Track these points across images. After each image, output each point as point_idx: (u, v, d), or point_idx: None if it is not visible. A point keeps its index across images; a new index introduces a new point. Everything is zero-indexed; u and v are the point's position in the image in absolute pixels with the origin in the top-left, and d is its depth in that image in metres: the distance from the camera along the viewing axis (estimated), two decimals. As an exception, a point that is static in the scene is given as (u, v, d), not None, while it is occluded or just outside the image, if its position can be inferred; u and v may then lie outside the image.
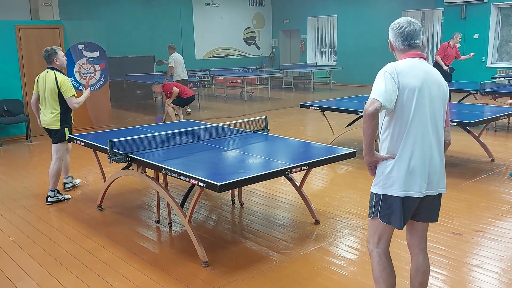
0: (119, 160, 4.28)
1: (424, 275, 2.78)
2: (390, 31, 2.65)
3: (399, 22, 2.63)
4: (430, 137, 2.55)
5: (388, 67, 2.54)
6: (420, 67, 2.57)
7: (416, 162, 2.52)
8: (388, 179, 2.56)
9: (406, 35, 2.58)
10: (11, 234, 4.55)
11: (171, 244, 4.37)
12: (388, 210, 2.59)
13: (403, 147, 2.52)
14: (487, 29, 13.98)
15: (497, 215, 4.72)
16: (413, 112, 2.50)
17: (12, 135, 9.03)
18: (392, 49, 2.71)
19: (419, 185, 2.54)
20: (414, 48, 2.61)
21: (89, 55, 9.79)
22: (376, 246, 2.70)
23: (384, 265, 2.69)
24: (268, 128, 5.27)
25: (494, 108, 7.19)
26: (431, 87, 2.55)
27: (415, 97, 2.49)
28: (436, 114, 2.57)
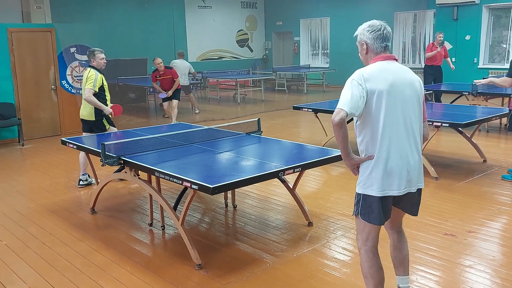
0: (112, 163, 4.26)
1: (401, 251, 2.97)
2: (367, 34, 2.69)
3: (374, 24, 2.69)
4: (404, 137, 2.64)
5: (356, 74, 2.61)
6: (390, 69, 2.65)
7: (393, 163, 2.62)
8: (368, 180, 2.67)
9: (385, 37, 2.67)
10: (4, 238, 4.52)
11: (164, 247, 4.36)
12: (368, 209, 2.70)
13: (379, 149, 2.62)
14: (479, 31, 14.07)
15: (489, 215, 4.74)
16: (384, 115, 2.58)
17: (4, 139, 8.97)
18: (366, 52, 2.74)
19: (397, 184, 2.65)
20: (387, 50, 2.70)
21: (81, 58, 9.76)
22: (364, 243, 2.78)
23: (372, 262, 2.77)
24: (261, 130, 5.28)
25: (486, 109, 7.24)
26: (402, 88, 2.63)
27: (384, 100, 2.57)
28: (410, 114, 2.65)
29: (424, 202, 5.12)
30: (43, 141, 9.16)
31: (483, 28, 14.07)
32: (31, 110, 9.32)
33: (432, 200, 5.22)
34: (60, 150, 8.08)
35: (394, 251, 3.02)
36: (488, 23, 14.14)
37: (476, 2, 13.84)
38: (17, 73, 9.06)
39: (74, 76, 9.73)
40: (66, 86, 9.67)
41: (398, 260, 3.02)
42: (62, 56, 9.53)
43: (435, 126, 5.86)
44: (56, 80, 9.54)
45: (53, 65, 9.48)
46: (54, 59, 9.46)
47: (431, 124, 5.91)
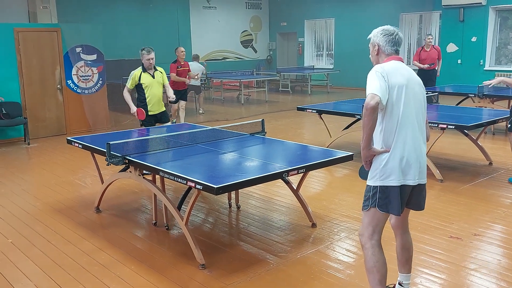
0: (117, 162, 4.28)
1: (409, 251, 3.09)
2: (380, 37, 2.90)
3: (387, 29, 2.90)
4: (417, 130, 2.82)
5: (378, 67, 2.78)
6: (403, 67, 2.85)
7: (409, 154, 2.77)
8: (385, 171, 2.77)
9: (396, 41, 2.88)
10: (10, 236, 4.54)
11: (168, 247, 4.36)
12: (386, 200, 2.78)
13: (396, 141, 2.75)
14: (485, 32, 14.02)
15: (495, 218, 4.72)
16: (403, 108, 2.75)
17: (10, 138, 9.02)
18: (377, 53, 2.93)
19: (413, 174, 2.79)
20: (397, 53, 2.91)
21: (87, 58, 9.80)
22: (370, 238, 2.85)
23: (378, 257, 2.84)
24: (265, 131, 5.27)
25: (492, 111, 7.20)
26: (414, 86, 2.83)
27: (403, 94, 2.75)
28: (418, 110, 2.84)
29: (430, 204, 5.12)
30: (48, 140, 9.20)
31: (489, 30, 14.01)
32: (37, 110, 9.36)
33: (438, 202, 5.20)
34: (65, 149, 8.11)
35: (402, 251, 3.10)
36: (494, 24, 14.08)
37: (482, 4, 13.79)
38: (23, 72, 9.10)
39: (79, 76, 9.77)
40: (72, 86, 9.71)
41: (405, 259, 3.10)
42: (68, 56, 9.57)
43: (441, 128, 5.83)
44: (62, 80, 9.59)
45: (59, 65, 9.52)
46: (60, 58, 9.51)
47: (436, 126, 5.90)
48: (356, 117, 6.94)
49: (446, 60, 14.95)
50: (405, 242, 3.08)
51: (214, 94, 16.11)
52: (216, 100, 15.14)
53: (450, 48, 14.89)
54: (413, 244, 3.13)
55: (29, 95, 9.24)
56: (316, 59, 19.44)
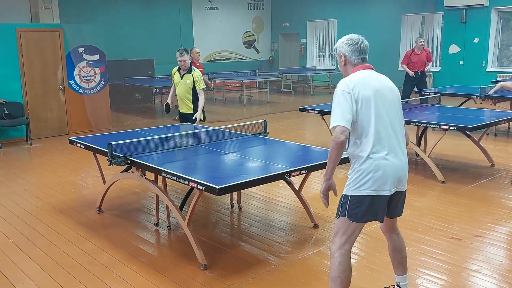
0: (119, 163, 4.28)
1: (401, 252, 3.08)
2: (345, 47, 2.84)
3: (352, 38, 2.85)
4: (393, 139, 2.75)
5: (341, 84, 2.73)
6: (371, 77, 2.80)
7: (385, 164, 2.69)
8: (358, 181, 2.72)
9: (362, 50, 2.84)
10: (11, 236, 4.55)
11: (169, 247, 4.37)
12: (357, 209, 2.73)
13: (371, 151, 2.68)
14: (487, 34, 14.00)
15: (496, 220, 4.72)
16: (374, 119, 2.69)
17: (12, 138, 9.04)
18: (344, 64, 2.88)
19: (389, 184, 2.72)
20: (365, 61, 2.86)
21: (89, 58, 9.81)
22: (341, 246, 2.79)
23: (345, 267, 2.79)
24: (267, 132, 5.28)
25: (494, 112, 7.19)
26: (384, 93, 2.77)
27: (372, 104, 2.69)
28: (394, 117, 2.78)
29: (430, 205, 5.13)
30: (50, 140, 9.21)
31: (491, 31, 13.99)
32: (39, 110, 9.38)
33: (439, 204, 5.20)
34: (67, 150, 8.13)
35: (394, 253, 3.10)
36: (497, 26, 14.07)
37: (485, 5, 13.78)
38: (25, 72, 9.12)
39: (82, 76, 9.78)
40: (74, 86, 9.73)
41: (398, 261, 3.10)
42: (70, 56, 9.58)
43: (443, 129, 5.83)
44: (64, 80, 9.60)
45: (61, 65, 9.54)
46: (62, 59, 9.53)
47: (438, 127, 5.90)
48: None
49: (448, 62, 15.01)
50: (396, 244, 3.07)
51: (216, 94, 16.12)
52: (218, 100, 15.15)
53: (452, 49, 14.88)
54: (405, 245, 3.12)
55: (31, 95, 9.26)
56: (318, 60, 19.44)
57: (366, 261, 3.87)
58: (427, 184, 5.90)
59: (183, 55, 6.23)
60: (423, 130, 6.50)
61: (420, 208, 5.07)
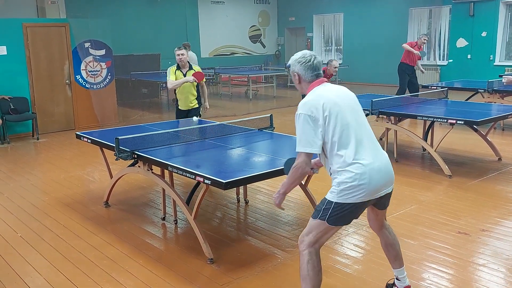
0: (125, 157, 4.30)
1: (394, 246, 3.08)
2: (298, 66, 2.81)
3: (304, 56, 2.82)
4: (370, 143, 2.74)
5: (302, 107, 2.69)
6: (328, 89, 2.78)
7: (370, 171, 2.65)
8: (345, 190, 2.64)
9: (315, 67, 2.81)
10: (19, 230, 4.59)
11: (176, 241, 4.38)
12: (339, 215, 2.69)
13: (354, 162, 2.63)
14: (495, 27, 13.88)
15: (503, 214, 4.69)
16: (348, 130, 2.66)
17: (19, 133, 9.09)
18: (299, 82, 2.86)
19: (377, 190, 2.70)
20: (319, 77, 2.82)
21: (95, 53, 9.84)
22: (311, 245, 2.76)
23: (314, 264, 2.76)
24: (273, 126, 5.27)
25: (501, 106, 7.14)
26: (346, 101, 2.77)
27: (340, 117, 2.66)
28: (362, 122, 2.79)
29: (437, 200, 5.11)
30: (57, 135, 9.26)
31: (499, 25, 13.87)
32: (46, 105, 9.42)
33: (446, 198, 5.18)
34: (74, 144, 8.17)
35: (387, 248, 3.10)
36: (505, 19, 13.94)
37: (492, -2, 13.65)
38: (32, 67, 9.16)
39: (88, 71, 9.81)
40: (80, 81, 9.76)
41: (393, 255, 3.10)
42: (77, 51, 9.61)
43: (450, 123, 5.80)
44: (70, 75, 9.64)
45: (67, 60, 9.57)
46: (69, 54, 9.56)
47: (445, 122, 5.86)
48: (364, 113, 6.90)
49: (455, 55, 14.90)
50: (387, 238, 3.06)
51: (222, 89, 16.12)
52: (224, 95, 15.14)
53: (460, 43, 14.77)
54: (396, 237, 3.12)
55: (38, 90, 9.30)
56: (324, 54, 19.36)
57: (373, 256, 3.87)
58: (434, 179, 5.88)
59: (181, 49, 6.21)
60: (430, 124, 6.47)
61: (427, 202, 5.05)
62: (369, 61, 16.69)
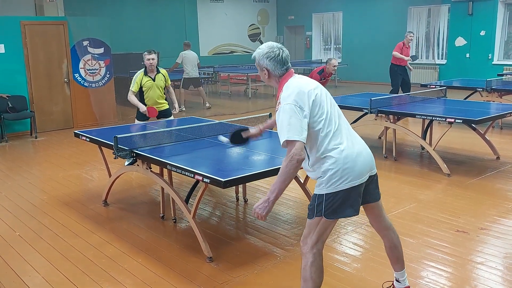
0: (124, 156, 4.29)
1: (397, 248, 3.05)
2: (265, 60, 2.71)
3: (272, 50, 2.70)
4: (345, 130, 2.73)
5: (288, 99, 2.60)
6: (303, 81, 2.73)
7: (352, 153, 2.65)
8: (331, 178, 2.63)
9: (284, 60, 2.72)
10: (17, 229, 4.58)
11: (175, 240, 4.38)
12: (334, 206, 2.66)
13: (336, 147, 2.64)
14: (494, 26, 13.88)
15: (502, 213, 4.70)
16: (328, 117, 2.66)
17: (17, 131, 9.07)
18: (268, 77, 2.77)
19: (363, 172, 2.69)
20: (289, 69, 2.75)
21: (94, 51, 9.82)
22: (314, 246, 2.73)
23: (317, 266, 2.74)
24: (272, 125, 5.26)
25: (500, 105, 7.14)
26: (319, 91, 2.71)
27: (319, 105, 2.64)
28: (336, 110, 2.78)
29: (436, 198, 5.11)
30: (55, 133, 9.25)
31: (498, 24, 13.87)
32: (44, 103, 9.41)
33: (444, 196, 5.18)
34: (72, 143, 8.16)
35: (390, 250, 3.06)
36: (503, 18, 13.94)
37: (491, -3, 13.66)
38: (30, 66, 9.14)
39: (86, 69, 9.79)
40: (79, 80, 9.75)
41: (396, 257, 3.07)
42: (75, 49, 9.59)
43: (449, 122, 5.80)
44: (68, 73, 9.62)
45: (66, 58, 9.55)
46: (67, 52, 9.54)
47: (444, 120, 5.87)
48: (363, 111, 6.91)
49: (454, 54, 14.91)
50: (391, 240, 3.03)
51: (221, 88, 16.11)
52: (223, 94, 15.13)
53: (458, 42, 14.78)
54: (401, 242, 3.09)
55: (36, 89, 9.28)
56: (324, 53, 19.36)
57: (371, 254, 3.87)
58: (432, 177, 5.88)
59: (151, 54, 6.14)
60: (428, 123, 6.47)
61: (426, 201, 5.05)
62: (368, 60, 16.69)
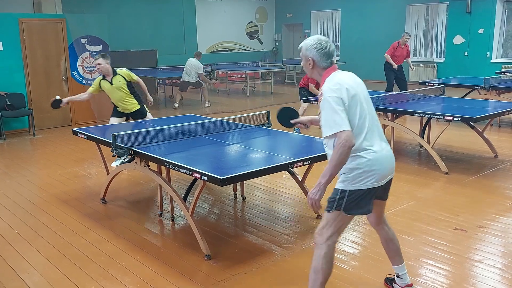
0: (122, 153, 4.28)
1: (393, 242, 3.12)
2: (313, 51, 2.79)
3: (320, 42, 2.79)
4: (379, 130, 2.83)
5: (329, 92, 2.67)
6: (346, 76, 2.80)
7: (381, 156, 2.75)
8: (357, 176, 2.71)
9: (330, 53, 2.82)
10: (15, 226, 4.58)
11: (173, 237, 4.38)
12: (354, 202, 2.74)
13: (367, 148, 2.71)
14: (493, 24, 13.89)
15: (500, 211, 4.71)
16: (364, 116, 2.73)
17: (15, 129, 9.05)
18: (312, 67, 2.83)
19: (386, 175, 2.80)
20: (333, 64, 2.84)
21: (92, 48, 9.80)
22: (328, 239, 2.80)
23: (329, 258, 2.82)
24: (270, 123, 5.26)
25: (498, 103, 7.15)
26: (362, 89, 2.82)
27: (358, 103, 2.72)
28: (373, 110, 2.85)
29: (435, 196, 5.12)
30: (53, 131, 9.23)
31: (496, 22, 13.89)
32: (42, 101, 9.36)
33: (443, 194, 5.19)
34: (70, 141, 8.14)
35: (387, 244, 3.12)
36: (502, 16, 13.95)
37: (490, -5, 13.66)
38: (28, 63, 9.11)
39: (85, 67, 9.77)
40: (77, 77, 9.72)
41: (393, 251, 3.12)
42: (73, 47, 9.56)
43: (447, 120, 5.81)
44: (67, 71, 9.60)
45: (64, 56, 9.53)
46: (65, 49, 9.51)
47: (442, 118, 5.87)
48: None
49: (452, 52, 14.92)
50: (386, 234, 3.10)
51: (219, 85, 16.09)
52: (222, 92, 15.12)
53: (456, 40, 14.79)
54: (399, 240, 3.14)
55: (34, 86, 9.26)
56: (321, 51, 19.32)
57: (370, 252, 3.88)
58: (431, 175, 5.89)
59: (97, 59, 6.15)
60: (427, 121, 6.47)
61: (424, 199, 5.06)
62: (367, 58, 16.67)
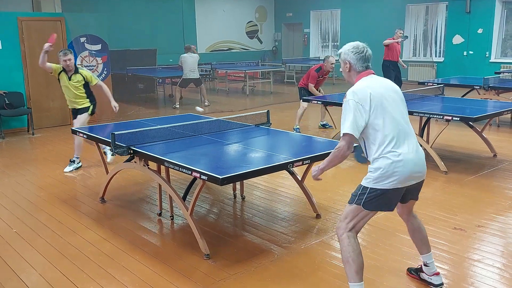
0: (122, 153, 4.28)
1: (420, 231, 3.24)
2: (350, 54, 2.96)
3: (357, 47, 2.97)
4: (408, 136, 2.89)
5: (351, 95, 2.85)
6: (375, 81, 2.95)
7: (405, 160, 2.82)
8: (380, 176, 2.82)
9: (366, 58, 2.98)
10: (14, 226, 4.57)
11: (173, 237, 4.38)
12: (374, 199, 2.86)
13: (392, 151, 2.82)
14: (492, 24, 13.91)
15: (499, 210, 4.71)
16: (389, 121, 2.83)
17: (14, 128, 9.04)
18: (348, 70, 3.00)
19: (409, 179, 2.86)
20: (368, 68, 2.99)
21: (91, 47, 9.79)
22: (348, 229, 2.92)
23: (354, 247, 2.90)
24: (270, 122, 5.26)
25: (497, 103, 7.16)
26: (390, 94, 2.93)
27: (384, 108, 2.83)
28: (404, 115, 2.94)
29: (434, 196, 5.12)
30: (52, 130, 9.22)
31: (496, 22, 13.90)
32: (41, 100, 9.37)
33: (442, 194, 5.19)
34: (69, 140, 8.12)
35: (414, 234, 3.25)
36: (501, 16, 13.97)
37: (489, -5, 13.67)
38: (27, 62, 9.10)
39: (84, 66, 9.75)
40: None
41: (420, 240, 3.24)
42: (72, 46, 9.54)
43: (446, 120, 5.81)
44: (66, 70, 9.57)
45: (63, 55, 9.49)
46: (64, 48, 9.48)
47: (441, 118, 5.88)
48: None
49: (451, 52, 14.92)
50: (412, 224, 3.22)
51: (219, 85, 16.08)
52: (221, 91, 15.12)
53: (456, 40, 14.80)
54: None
55: (33, 85, 9.24)
56: (321, 50, 19.35)
57: (369, 251, 3.87)
58: (429, 175, 5.84)
59: (67, 55, 6.20)
60: (426, 121, 6.47)
61: (423, 198, 5.04)
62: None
